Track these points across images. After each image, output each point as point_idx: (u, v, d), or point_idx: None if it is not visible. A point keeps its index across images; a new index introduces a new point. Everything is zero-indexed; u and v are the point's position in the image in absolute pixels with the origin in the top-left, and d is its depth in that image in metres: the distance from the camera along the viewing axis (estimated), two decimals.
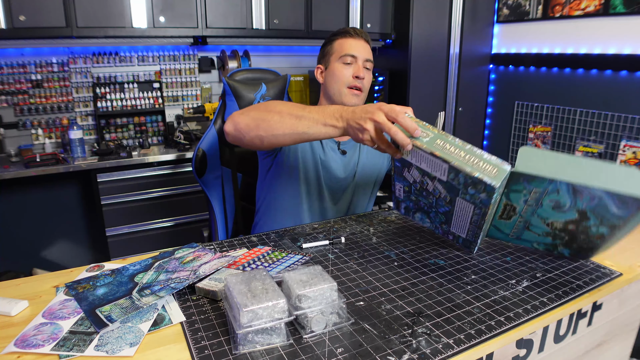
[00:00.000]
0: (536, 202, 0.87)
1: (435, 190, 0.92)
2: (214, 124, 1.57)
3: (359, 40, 1.32)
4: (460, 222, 0.94)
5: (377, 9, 3.00)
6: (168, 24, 2.46)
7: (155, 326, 0.76)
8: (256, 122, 1.01)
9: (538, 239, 0.98)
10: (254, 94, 1.56)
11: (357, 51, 1.30)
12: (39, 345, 0.71)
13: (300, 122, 0.97)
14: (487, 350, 0.72)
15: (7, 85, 2.44)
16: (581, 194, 0.81)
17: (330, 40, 1.35)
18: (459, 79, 3.08)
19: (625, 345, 1.15)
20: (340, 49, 1.31)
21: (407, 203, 1.05)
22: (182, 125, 2.71)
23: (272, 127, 1.00)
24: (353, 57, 1.29)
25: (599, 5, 2.47)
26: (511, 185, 0.84)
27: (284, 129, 0.99)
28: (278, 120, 0.99)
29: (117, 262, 1.00)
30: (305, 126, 0.97)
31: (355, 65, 1.30)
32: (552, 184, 0.81)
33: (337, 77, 1.30)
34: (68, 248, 2.77)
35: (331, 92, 1.32)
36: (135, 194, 2.42)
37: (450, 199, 0.90)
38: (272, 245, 1.09)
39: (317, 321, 0.74)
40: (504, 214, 0.93)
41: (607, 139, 2.52)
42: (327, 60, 1.35)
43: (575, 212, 0.85)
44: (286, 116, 0.98)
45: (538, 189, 0.84)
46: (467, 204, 0.87)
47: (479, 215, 0.87)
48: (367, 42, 1.33)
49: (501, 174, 0.78)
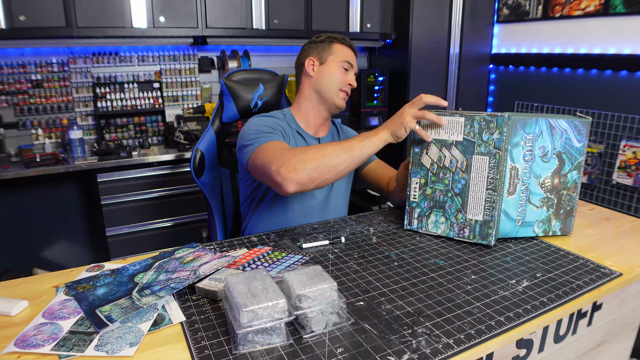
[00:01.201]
0: (531, 154, 1.07)
1: (452, 161, 1.07)
2: (212, 125, 1.57)
3: (353, 52, 1.42)
4: (476, 195, 1.06)
5: (377, 9, 3.00)
6: (168, 24, 2.46)
7: (155, 326, 0.76)
8: (318, 171, 1.05)
9: (537, 216, 1.11)
10: (252, 94, 1.56)
11: (354, 62, 1.41)
12: (39, 345, 0.71)
13: (354, 152, 1.07)
14: (487, 350, 0.73)
15: (7, 85, 2.44)
16: (555, 130, 1.07)
17: (330, 42, 1.39)
18: (459, 79, 3.08)
19: (625, 345, 1.15)
20: (342, 54, 1.38)
21: (421, 206, 1.14)
22: (182, 125, 2.70)
23: (334, 168, 1.06)
24: (350, 65, 1.39)
25: (599, 5, 2.47)
26: (512, 138, 1.04)
27: (345, 163, 1.07)
28: (336, 159, 1.06)
29: (117, 262, 1.00)
30: (359, 150, 1.08)
31: (350, 73, 1.39)
32: (538, 124, 1.05)
33: (335, 78, 1.36)
34: (68, 248, 2.77)
35: (324, 89, 1.36)
36: (135, 194, 2.42)
37: (466, 165, 1.05)
38: (272, 245, 1.09)
39: (317, 321, 0.74)
40: (510, 186, 1.07)
41: (607, 139, 2.52)
42: (323, 57, 1.37)
43: (555, 157, 1.09)
44: (339, 151, 1.06)
45: (530, 135, 1.06)
46: (482, 159, 1.03)
47: (495, 168, 1.02)
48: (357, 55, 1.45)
49: (504, 114, 1.00)
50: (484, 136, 1.02)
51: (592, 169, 2.60)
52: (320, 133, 1.43)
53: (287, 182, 1.04)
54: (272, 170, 1.06)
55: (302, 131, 1.39)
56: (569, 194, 1.12)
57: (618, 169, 2.47)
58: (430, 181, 1.11)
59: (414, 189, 1.14)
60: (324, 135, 1.44)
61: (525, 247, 1.08)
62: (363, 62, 3.46)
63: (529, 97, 2.97)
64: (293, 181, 1.04)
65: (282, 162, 1.06)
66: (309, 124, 1.41)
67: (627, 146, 2.41)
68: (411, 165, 1.13)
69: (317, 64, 1.38)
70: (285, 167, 1.04)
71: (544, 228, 1.13)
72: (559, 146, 1.08)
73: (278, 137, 1.22)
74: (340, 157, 1.06)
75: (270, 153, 1.12)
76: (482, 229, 1.06)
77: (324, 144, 1.10)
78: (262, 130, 1.23)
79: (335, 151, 1.06)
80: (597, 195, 2.61)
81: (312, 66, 1.38)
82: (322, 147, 1.08)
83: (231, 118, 1.58)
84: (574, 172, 1.11)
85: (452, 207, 1.09)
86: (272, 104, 1.59)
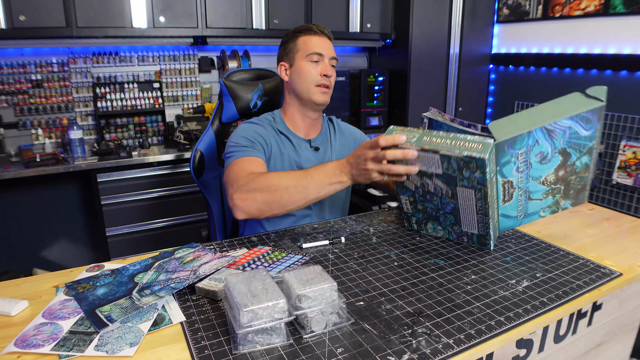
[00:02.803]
0: (526, 164, 0.96)
1: (437, 188, 0.99)
2: (211, 125, 1.57)
3: (323, 38, 1.31)
4: (468, 216, 0.99)
5: (377, 9, 3.00)
6: (168, 24, 2.46)
7: (155, 326, 0.76)
8: (268, 205, 1.05)
9: (542, 204, 1.04)
10: (251, 94, 1.56)
11: (323, 49, 1.30)
12: (39, 345, 0.71)
13: (309, 191, 1.03)
14: (487, 350, 0.73)
15: (7, 85, 2.44)
16: (554, 132, 0.94)
17: (294, 37, 1.32)
18: (459, 79, 3.08)
19: (625, 345, 1.15)
20: (306, 47, 1.30)
21: (417, 216, 1.12)
22: (182, 125, 2.70)
23: (285, 204, 1.05)
24: (320, 55, 1.29)
25: (599, 5, 2.47)
26: (500, 159, 0.94)
27: (297, 202, 1.05)
28: (288, 197, 1.04)
29: (117, 262, 1.00)
30: (314, 192, 1.04)
31: (322, 63, 1.30)
32: (531, 137, 0.93)
33: (305, 76, 1.29)
34: (68, 248, 2.77)
35: (299, 90, 1.31)
36: (135, 194, 2.42)
37: (452, 193, 0.97)
38: (272, 245, 1.09)
39: (317, 321, 0.74)
40: (505, 195, 1.00)
41: (607, 139, 2.52)
42: (291, 57, 1.32)
43: (558, 155, 0.97)
44: (293, 190, 1.03)
45: (522, 150, 0.94)
46: (467, 191, 0.94)
47: (482, 199, 0.94)
48: (329, 39, 1.33)
49: (486, 146, 0.87)
50: (465, 173, 0.91)
51: None
52: (312, 134, 1.39)
53: (237, 209, 1.07)
54: (228, 193, 1.09)
55: (292, 134, 1.35)
56: (579, 177, 1.01)
57: (618, 169, 2.47)
58: (419, 200, 1.07)
59: (405, 204, 1.11)
60: (315, 136, 1.39)
61: (525, 247, 1.08)
62: (363, 62, 3.46)
63: (529, 97, 2.97)
64: (242, 210, 1.07)
65: (237, 187, 1.08)
66: (297, 126, 1.37)
67: (627, 146, 2.41)
68: (395, 186, 1.08)
69: (288, 66, 1.34)
70: (237, 194, 1.07)
71: (552, 210, 1.05)
72: (562, 144, 0.96)
73: (254, 153, 1.22)
74: (292, 197, 1.04)
75: (233, 175, 1.13)
76: (479, 239, 1.05)
77: (285, 176, 1.06)
78: (240, 143, 1.24)
79: (289, 189, 1.03)
80: (597, 195, 2.61)
81: (285, 71, 1.34)
82: (280, 180, 1.05)
83: (231, 118, 1.58)
84: (584, 157, 0.99)
85: (446, 221, 1.07)
86: (271, 104, 1.59)
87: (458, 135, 0.91)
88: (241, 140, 1.25)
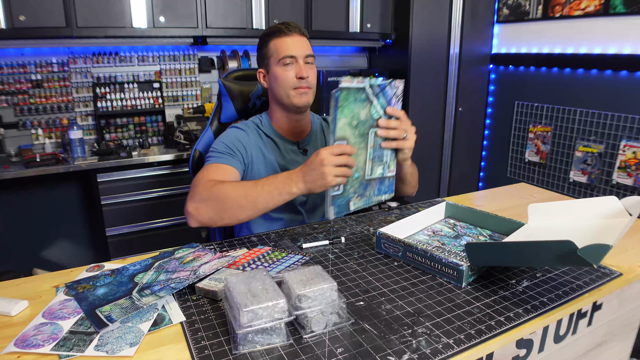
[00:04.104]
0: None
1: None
2: (210, 126, 1.57)
3: (294, 36, 1.25)
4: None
5: (377, 9, 3.00)
6: (168, 24, 2.46)
7: (155, 326, 0.76)
8: (219, 215, 1.06)
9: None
10: (250, 94, 1.55)
11: (295, 50, 1.24)
12: (39, 345, 0.71)
13: (258, 202, 1.03)
14: (487, 350, 0.73)
15: (7, 85, 2.43)
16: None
17: (265, 42, 1.28)
18: (459, 79, 3.07)
19: (625, 345, 1.15)
20: (278, 51, 1.25)
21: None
22: (182, 125, 2.70)
23: (235, 215, 1.05)
24: (292, 57, 1.24)
25: (599, 5, 2.47)
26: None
27: (246, 213, 1.05)
28: (237, 208, 1.04)
29: (117, 262, 1.00)
30: (264, 203, 1.04)
31: (296, 65, 1.25)
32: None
33: (281, 82, 1.26)
34: (68, 248, 2.77)
35: (278, 96, 1.28)
36: (135, 194, 2.42)
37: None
38: (272, 245, 1.09)
39: (317, 321, 0.74)
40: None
41: (607, 139, 2.52)
42: (266, 64, 1.29)
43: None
44: (242, 200, 1.04)
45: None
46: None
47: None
48: (302, 35, 1.27)
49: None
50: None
51: (592, 169, 2.60)
52: (301, 135, 1.37)
53: (190, 217, 1.08)
54: (187, 198, 1.10)
55: (279, 137, 1.34)
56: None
57: (618, 169, 2.47)
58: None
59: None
60: (304, 137, 1.38)
61: None
62: (363, 62, 3.46)
63: (529, 97, 2.97)
64: (195, 219, 1.08)
65: (191, 195, 1.09)
66: (284, 129, 1.35)
67: (627, 146, 2.41)
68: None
69: (265, 73, 1.31)
70: (190, 202, 1.08)
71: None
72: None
73: (228, 160, 1.22)
74: (242, 207, 1.04)
75: (195, 181, 1.14)
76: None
77: (238, 187, 1.07)
78: (218, 149, 1.25)
79: (239, 199, 1.04)
80: (597, 195, 2.61)
81: (263, 77, 1.33)
82: (231, 190, 1.06)
83: (229, 118, 1.57)
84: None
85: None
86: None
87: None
88: (219, 146, 1.26)
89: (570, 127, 2.72)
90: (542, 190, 1.57)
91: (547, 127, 2.87)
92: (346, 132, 0.96)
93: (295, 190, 1.01)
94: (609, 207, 0.96)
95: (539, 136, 2.92)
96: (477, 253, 0.89)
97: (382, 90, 0.99)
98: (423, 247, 0.95)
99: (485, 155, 3.39)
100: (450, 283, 0.90)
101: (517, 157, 3.11)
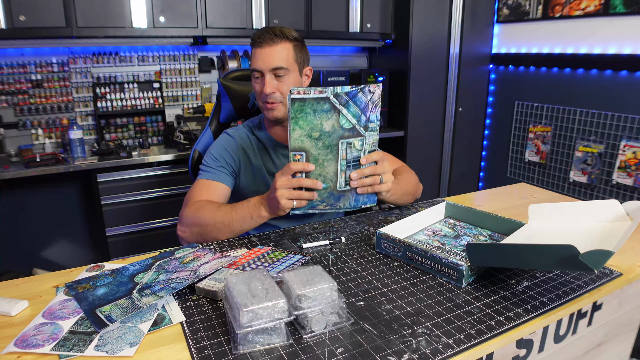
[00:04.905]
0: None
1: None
2: (209, 126, 1.57)
3: (264, 47, 1.20)
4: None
5: (377, 9, 3.00)
6: (168, 24, 2.46)
7: (155, 326, 0.76)
8: (202, 237, 1.14)
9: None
10: (249, 94, 1.55)
11: (261, 64, 1.20)
12: (39, 345, 0.71)
13: (233, 226, 1.11)
14: (487, 350, 0.73)
15: (7, 85, 2.43)
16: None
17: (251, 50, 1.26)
18: (459, 79, 3.07)
19: (625, 345, 1.15)
20: (252, 63, 1.24)
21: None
22: (182, 125, 2.70)
23: (215, 237, 1.13)
24: (258, 71, 1.22)
25: (599, 5, 2.47)
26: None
27: (225, 235, 1.13)
28: (216, 232, 1.12)
29: (117, 262, 1.00)
30: (239, 226, 1.11)
31: (262, 79, 1.22)
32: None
33: (255, 93, 1.27)
34: (68, 248, 2.77)
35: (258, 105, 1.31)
36: (135, 194, 2.42)
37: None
38: (272, 245, 1.09)
39: (317, 321, 0.74)
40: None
41: (607, 139, 2.52)
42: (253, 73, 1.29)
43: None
44: (220, 225, 1.11)
45: None
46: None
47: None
48: (274, 45, 1.19)
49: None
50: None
51: (592, 169, 2.60)
52: None
53: (180, 238, 1.18)
54: (178, 217, 1.20)
55: (271, 142, 1.34)
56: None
57: (618, 169, 2.47)
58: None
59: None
60: None
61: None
62: (363, 62, 3.46)
63: (529, 97, 2.97)
64: (184, 240, 1.17)
65: (181, 215, 1.18)
66: (277, 134, 1.35)
67: (627, 146, 2.41)
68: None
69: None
70: (180, 224, 1.18)
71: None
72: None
73: (219, 177, 1.27)
74: (220, 231, 1.11)
75: (186, 200, 1.23)
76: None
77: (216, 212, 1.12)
78: (208, 163, 1.30)
79: (217, 225, 1.11)
80: (597, 195, 2.61)
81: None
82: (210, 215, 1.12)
83: (229, 118, 1.58)
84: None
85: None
86: None
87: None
88: (209, 160, 1.30)
89: (570, 127, 2.72)
90: (542, 190, 1.57)
91: (547, 127, 2.87)
92: (305, 144, 0.96)
93: (265, 214, 1.07)
94: (610, 211, 0.96)
95: (539, 136, 2.92)
96: (478, 254, 0.89)
97: (352, 98, 0.96)
98: (423, 247, 0.96)
99: (485, 155, 3.39)
100: (450, 283, 0.90)
101: (517, 157, 3.11)
